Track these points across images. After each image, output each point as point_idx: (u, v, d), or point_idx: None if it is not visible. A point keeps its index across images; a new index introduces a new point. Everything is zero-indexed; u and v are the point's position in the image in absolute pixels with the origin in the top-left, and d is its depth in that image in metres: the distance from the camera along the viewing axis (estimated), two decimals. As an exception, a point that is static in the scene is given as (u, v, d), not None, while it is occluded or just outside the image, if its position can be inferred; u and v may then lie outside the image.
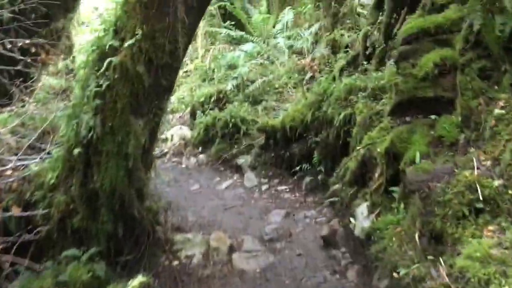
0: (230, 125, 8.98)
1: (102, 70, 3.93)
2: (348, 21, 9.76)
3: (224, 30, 12.77)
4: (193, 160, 9.51)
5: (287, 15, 12.03)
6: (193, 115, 11.41)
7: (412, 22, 4.11)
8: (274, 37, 12.56)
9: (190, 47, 19.11)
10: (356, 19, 10.54)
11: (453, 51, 3.95)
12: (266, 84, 10.01)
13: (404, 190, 3.82)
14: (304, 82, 8.83)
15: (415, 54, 4.02)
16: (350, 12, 9.54)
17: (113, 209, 4.21)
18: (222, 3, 13.52)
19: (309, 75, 8.09)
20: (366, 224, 4.32)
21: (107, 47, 3.95)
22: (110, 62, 3.90)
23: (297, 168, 7.35)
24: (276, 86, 9.99)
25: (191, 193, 8.05)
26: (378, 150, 4.33)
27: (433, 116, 3.93)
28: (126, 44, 3.89)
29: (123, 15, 3.98)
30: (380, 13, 6.80)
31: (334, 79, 7.18)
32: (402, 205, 3.90)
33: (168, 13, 3.90)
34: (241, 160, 8.53)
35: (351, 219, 4.69)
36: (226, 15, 14.09)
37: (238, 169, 8.55)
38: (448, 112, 3.90)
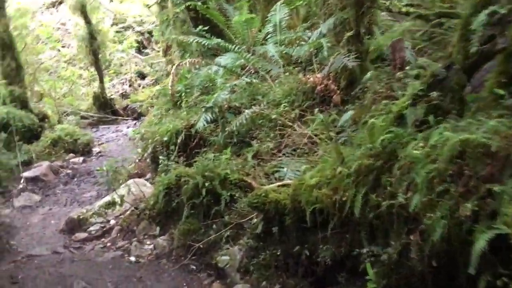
0: (204, 191, 5.10)
1: None
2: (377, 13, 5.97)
3: (195, 38, 8.86)
4: (148, 246, 5.58)
5: (279, 12, 8.18)
6: (154, 161, 7.53)
7: None
8: (262, 44, 8.73)
9: (163, 61, 15.04)
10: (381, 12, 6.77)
11: None
12: (257, 116, 6.16)
13: None
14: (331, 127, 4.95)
15: None
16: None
17: None
18: (191, 3, 9.64)
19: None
20: None
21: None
22: None
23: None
24: (273, 117, 6.13)
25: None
26: None
27: None
28: None
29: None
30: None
31: (397, 122, 3.34)
32: None
33: None
34: (224, 258, 4.64)
35: None
36: (199, 19, 10.21)
37: (220, 273, 4.69)
38: None
